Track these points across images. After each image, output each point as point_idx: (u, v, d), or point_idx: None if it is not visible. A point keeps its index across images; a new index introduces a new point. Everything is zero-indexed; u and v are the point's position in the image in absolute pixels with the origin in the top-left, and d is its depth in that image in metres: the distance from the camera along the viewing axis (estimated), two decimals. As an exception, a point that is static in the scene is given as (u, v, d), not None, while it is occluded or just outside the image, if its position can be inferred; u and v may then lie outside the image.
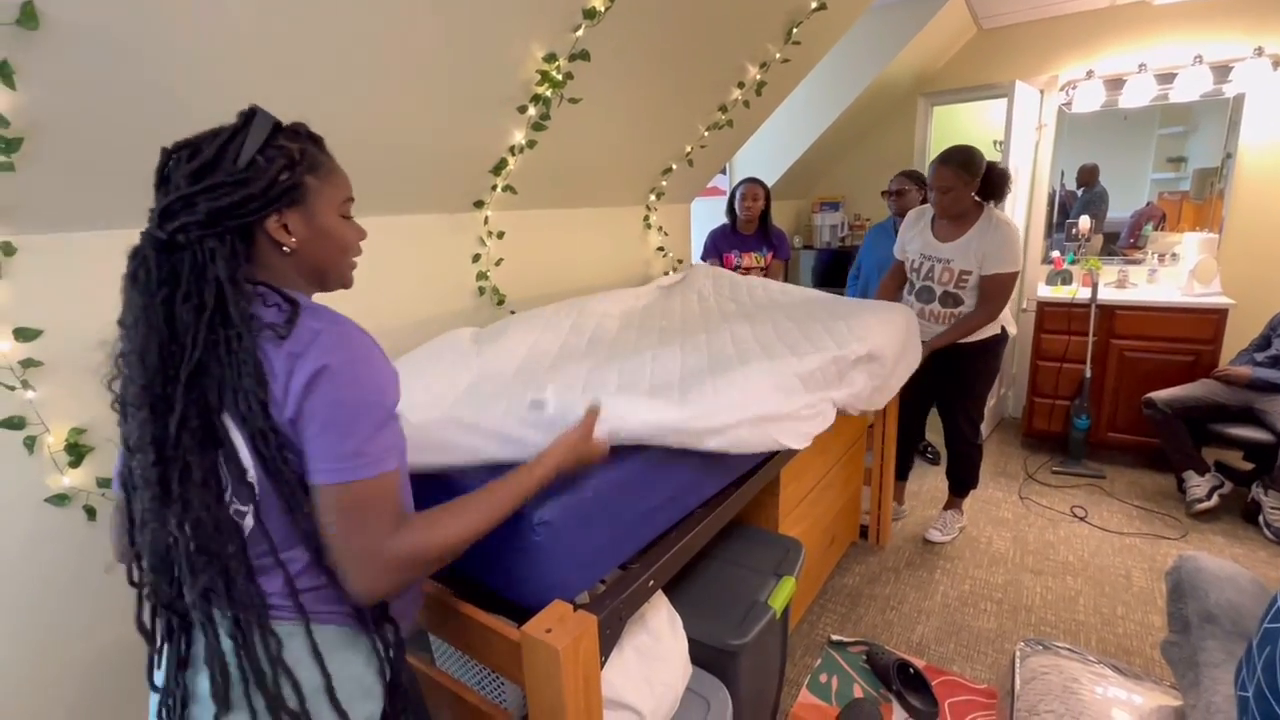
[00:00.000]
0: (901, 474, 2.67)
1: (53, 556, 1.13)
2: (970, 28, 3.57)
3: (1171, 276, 3.29)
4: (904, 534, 2.61)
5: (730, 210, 3.01)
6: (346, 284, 0.85)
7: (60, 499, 1.11)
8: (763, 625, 1.34)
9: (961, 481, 2.53)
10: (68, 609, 1.15)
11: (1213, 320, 2.91)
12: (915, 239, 2.34)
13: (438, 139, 1.59)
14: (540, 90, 1.65)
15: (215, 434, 0.68)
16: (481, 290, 2.00)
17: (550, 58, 1.60)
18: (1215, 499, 2.61)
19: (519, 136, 1.77)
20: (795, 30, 2.27)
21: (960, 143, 2.19)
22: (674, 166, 2.61)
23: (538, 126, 1.76)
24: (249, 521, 0.70)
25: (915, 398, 2.41)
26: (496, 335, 1.62)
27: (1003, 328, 2.30)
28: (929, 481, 3.03)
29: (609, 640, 0.96)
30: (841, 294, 2.65)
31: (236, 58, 1.11)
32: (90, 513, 1.15)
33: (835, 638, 1.98)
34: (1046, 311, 3.25)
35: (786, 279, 2.97)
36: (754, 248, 3.00)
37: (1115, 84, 3.31)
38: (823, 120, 3.62)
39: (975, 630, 2.03)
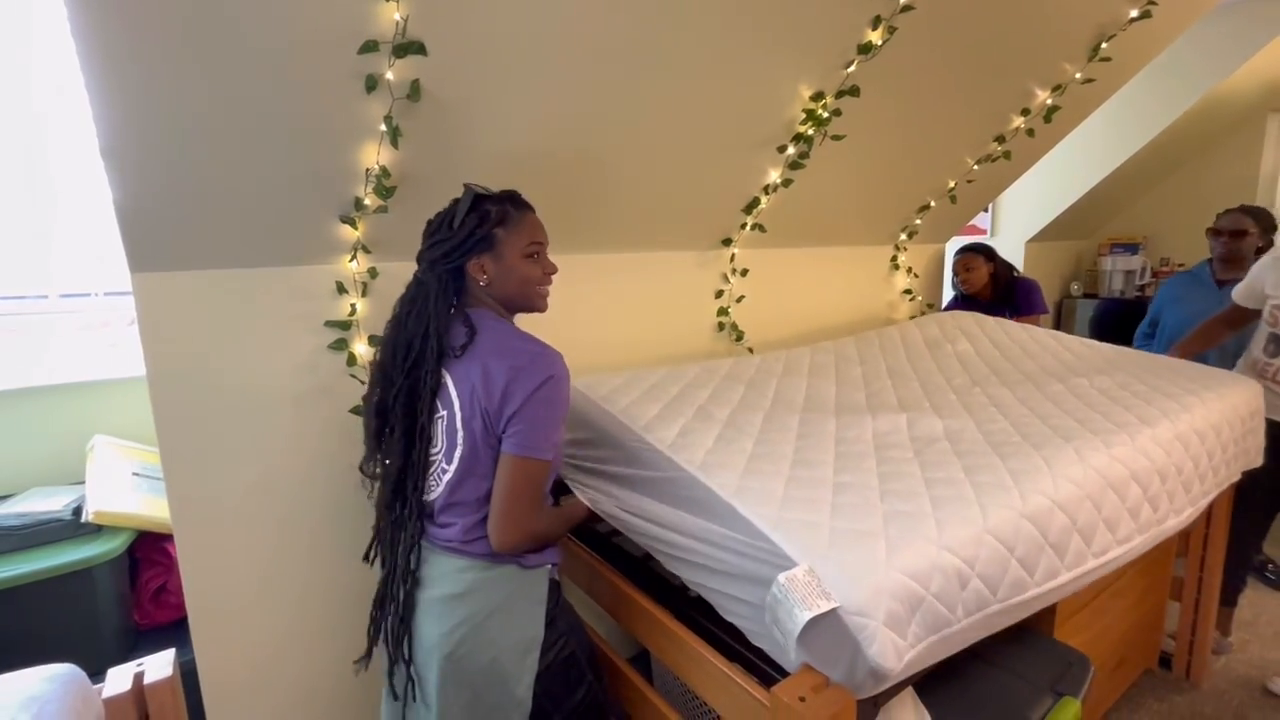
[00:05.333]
0: (1229, 598, 2.04)
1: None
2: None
3: None
4: (1230, 675, 1.98)
5: (954, 283, 2.69)
6: (537, 309, 1.09)
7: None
8: (1030, 749, 1.10)
9: None
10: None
11: None
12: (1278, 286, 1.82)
13: (696, 179, 1.66)
14: (803, 129, 1.64)
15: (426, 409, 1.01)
16: (721, 326, 2.03)
17: (818, 96, 1.58)
18: None
19: (775, 175, 1.78)
20: (1105, 45, 1.95)
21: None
22: (933, 203, 2.40)
23: (795, 165, 1.75)
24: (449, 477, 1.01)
25: (1258, 498, 1.84)
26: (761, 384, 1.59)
27: None
28: (1270, 611, 2.28)
29: (854, 725, 0.86)
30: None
31: (545, 123, 1.28)
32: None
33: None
34: None
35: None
36: (995, 313, 2.54)
37: None
38: (1125, 148, 3.04)
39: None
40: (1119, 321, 3.42)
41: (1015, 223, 3.48)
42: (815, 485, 1.04)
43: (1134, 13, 1.88)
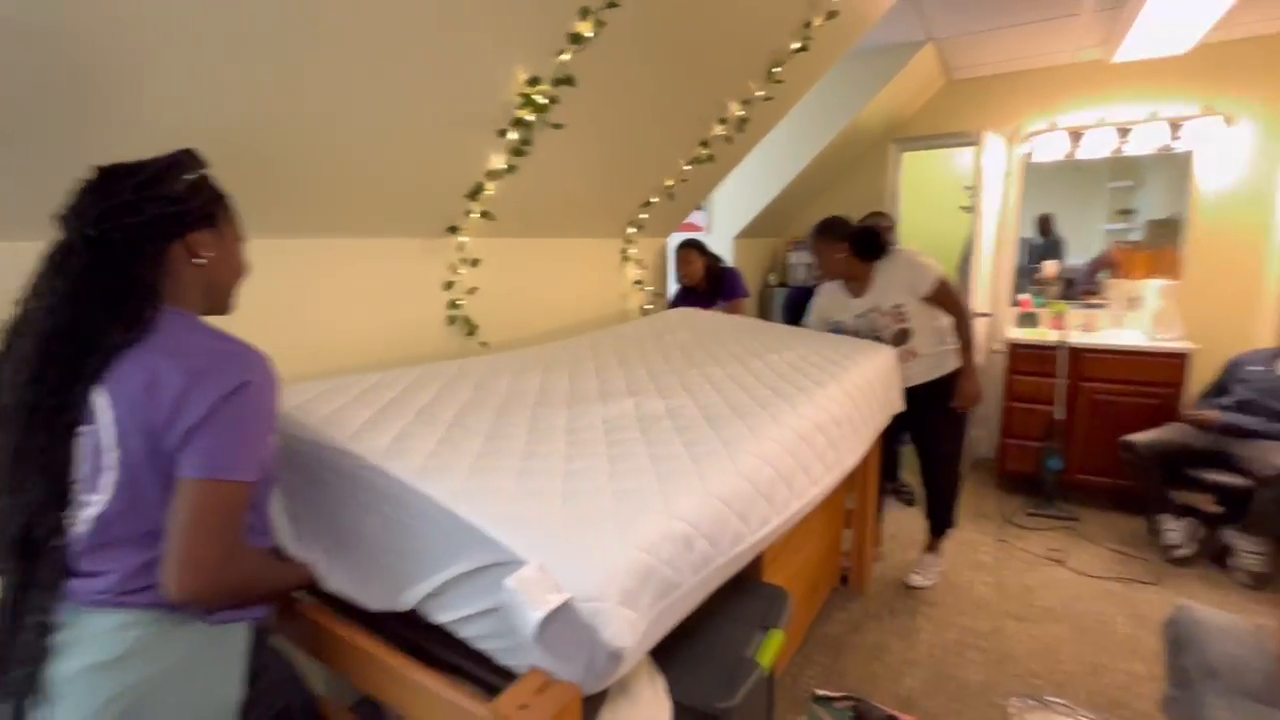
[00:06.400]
0: (877, 518, 2.62)
1: None
2: (940, 77, 3.69)
3: (1135, 321, 3.38)
4: (884, 579, 2.54)
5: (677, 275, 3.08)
6: (230, 308, 0.95)
7: None
8: (751, 684, 1.24)
9: (941, 521, 2.49)
10: None
11: (1176, 364, 2.97)
12: (841, 308, 2.37)
13: (410, 159, 1.52)
14: (522, 114, 1.60)
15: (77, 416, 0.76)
16: (452, 319, 1.90)
17: (534, 81, 1.56)
18: (1194, 545, 2.61)
19: (498, 161, 1.71)
20: (777, 70, 2.29)
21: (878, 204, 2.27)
22: (653, 200, 2.58)
23: (518, 152, 1.71)
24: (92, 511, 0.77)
25: (888, 437, 2.38)
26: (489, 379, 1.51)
27: None
28: (906, 524, 2.98)
29: (590, 711, 0.85)
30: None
31: (214, 77, 1.02)
32: None
33: (820, 693, 1.87)
34: (1017, 353, 3.29)
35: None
36: (710, 303, 3.01)
37: (1075, 136, 3.45)
38: (799, 161, 3.67)
39: (963, 681, 1.95)
40: (802, 305, 4.13)
41: (726, 221, 3.97)
42: (547, 476, 1.01)
43: (795, 44, 2.25)
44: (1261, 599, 2.35)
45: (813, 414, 1.42)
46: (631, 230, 2.70)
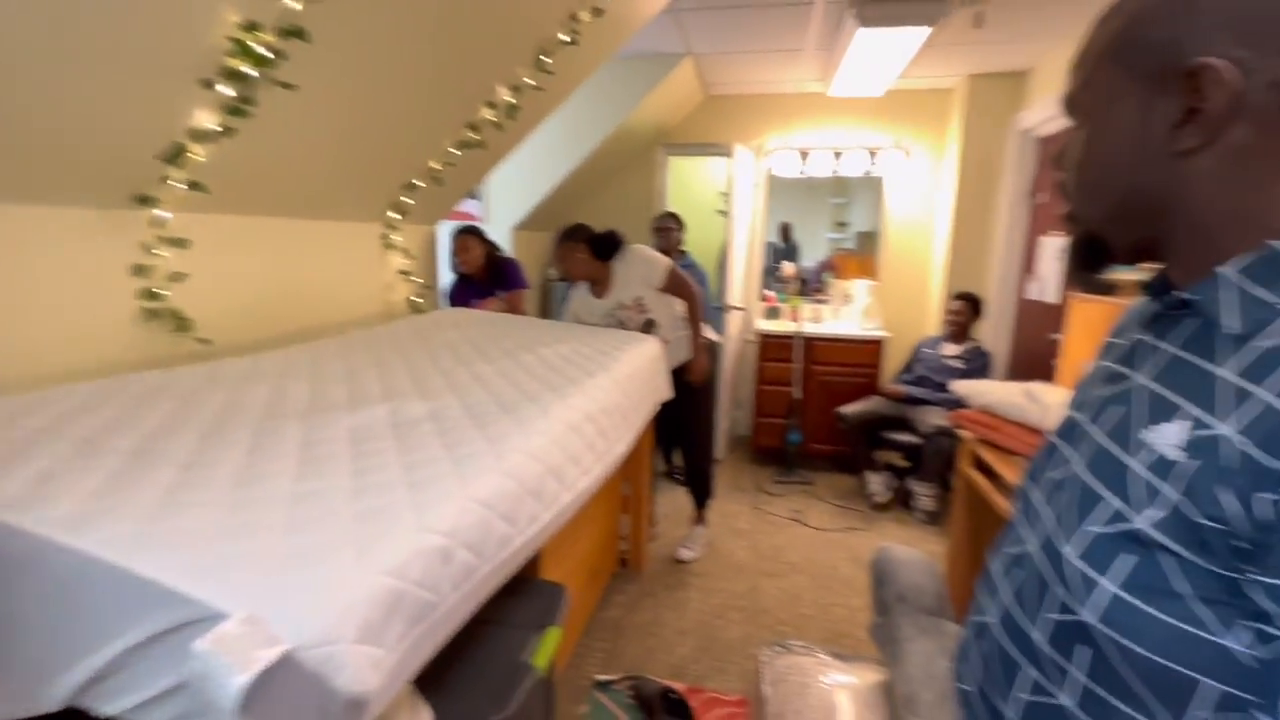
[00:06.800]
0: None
1: None
2: (700, 91, 4.02)
3: (849, 314, 4.07)
4: (659, 556, 2.70)
5: (452, 263, 2.94)
6: None
7: None
8: (526, 689, 1.20)
9: (701, 493, 2.73)
10: None
11: (876, 348, 3.66)
12: (592, 309, 2.52)
13: (71, 98, 1.16)
14: (236, 64, 1.33)
15: None
16: (151, 315, 1.52)
17: (251, 26, 1.30)
18: (889, 494, 3.24)
19: (205, 120, 1.40)
20: (546, 59, 2.26)
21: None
22: (417, 183, 2.38)
23: (236, 111, 1.42)
24: None
25: (660, 422, 2.53)
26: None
27: (708, 339, 2.55)
28: (677, 502, 3.22)
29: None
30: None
31: None
32: None
33: (600, 679, 1.92)
34: (766, 342, 3.76)
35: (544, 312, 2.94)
36: (490, 293, 2.93)
37: (804, 155, 4.04)
38: (574, 157, 3.71)
39: (726, 641, 2.15)
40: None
41: (504, 211, 3.86)
42: (267, 505, 0.84)
43: (564, 37, 2.24)
44: (937, 532, 3.01)
45: (582, 404, 1.42)
46: (394, 216, 2.46)
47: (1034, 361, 3.26)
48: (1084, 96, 0.57)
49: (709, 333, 2.57)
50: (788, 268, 4.17)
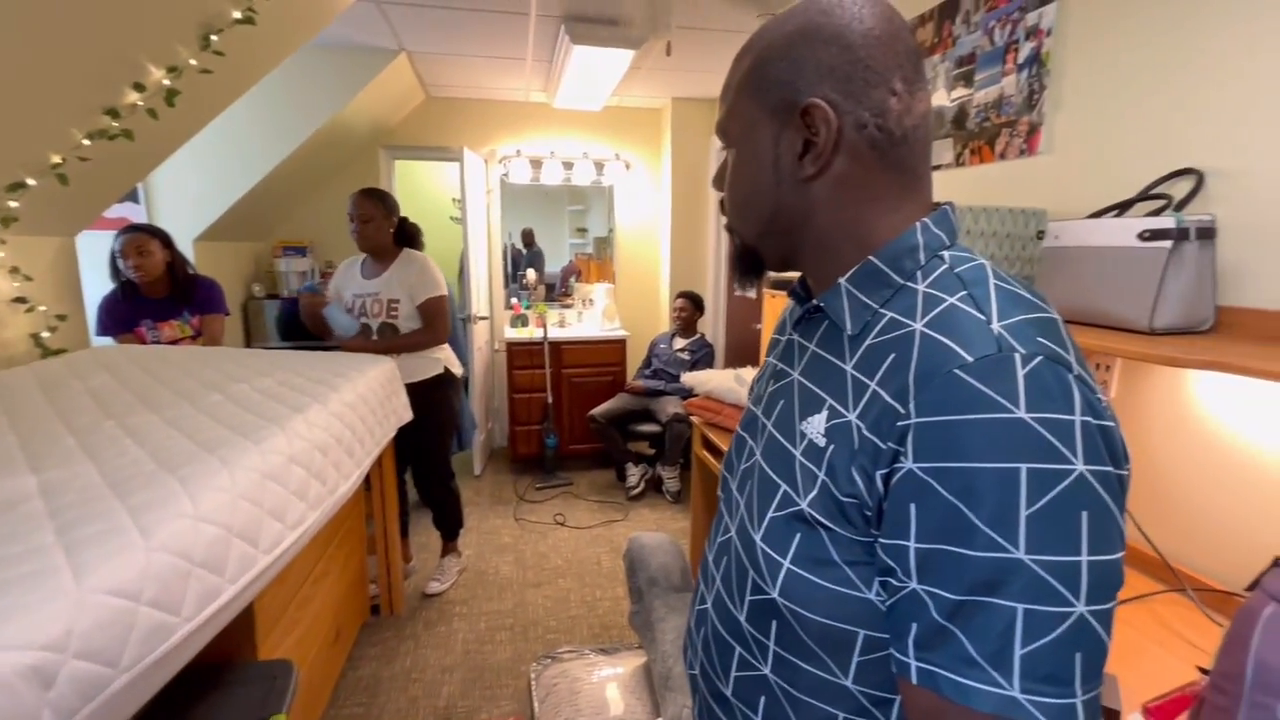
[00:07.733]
0: (403, 530, 2.55)
1: None
2: (420, 91, 3.79)
3: (592, 317, 4.26)
4: (414, 592, 2.49)
5: (115, 272, 2.27)
6: None
7: None
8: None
9: (450, 527, 2.58)
10: None
11: (618, 348, 3.89)
12: (349, 284, 2.39)
13: None
14: None
15: None
16: None
17: None
18: (642, 483, 3.47)
19: None
20: (214, 38, 1.90)
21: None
22: (31, 182, 1.81)
23: None
24: None
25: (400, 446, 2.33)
26: None
27: (446, 368, 2.40)
28: (435, 533, 3.01)
29: None
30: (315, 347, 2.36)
31: None
32: None
33: (353, 749, 1.68)
34: (513, 350, 3.72)
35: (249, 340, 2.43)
36: (172, 313, 2.32)
37: (536, 164, 4.09)
38: (275, 156, 3.20)
39: (495, 666, 2.06)
40: (298, 319, 3.65)
41: (177, 219, 3.14)
42: None
43: (237, 14, 1.90)
44: (683, 510, 3.30)
45: (282, 446, 1.21)
46: (-6, 224, 1.83)
47: (746, 349, 3.81)
48: (730, 124, 0.63)
49: (451, 364, 2.44)
50: (530, 275, 4.20)
